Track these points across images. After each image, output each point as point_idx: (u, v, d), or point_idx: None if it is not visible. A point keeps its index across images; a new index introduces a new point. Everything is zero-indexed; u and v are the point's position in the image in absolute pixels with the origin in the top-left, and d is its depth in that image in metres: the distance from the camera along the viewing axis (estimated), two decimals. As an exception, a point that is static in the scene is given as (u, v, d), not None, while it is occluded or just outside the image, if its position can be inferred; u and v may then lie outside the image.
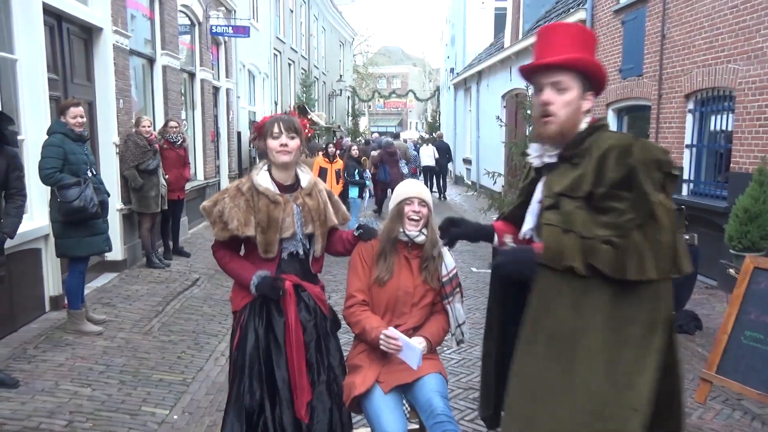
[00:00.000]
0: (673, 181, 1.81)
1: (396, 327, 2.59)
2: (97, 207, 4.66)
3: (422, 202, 2.71)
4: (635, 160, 1.74)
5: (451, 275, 2.76)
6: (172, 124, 7.64)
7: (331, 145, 10.48)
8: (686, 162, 7.71)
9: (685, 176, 7.72)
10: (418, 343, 2.57)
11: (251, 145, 14.38)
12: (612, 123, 9.86)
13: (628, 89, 9.11)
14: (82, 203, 4.53)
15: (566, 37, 1.85)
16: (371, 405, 2.51)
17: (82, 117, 4.79)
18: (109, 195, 5.10)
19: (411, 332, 2.67)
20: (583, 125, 1.89)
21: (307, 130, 2.80)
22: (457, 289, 2.79)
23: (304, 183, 2.69)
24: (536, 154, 1.99)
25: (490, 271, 2.23)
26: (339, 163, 10.20)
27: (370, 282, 2.70)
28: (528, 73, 1.92)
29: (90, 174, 4.78)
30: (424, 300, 2.72)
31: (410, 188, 2.78)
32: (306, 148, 2.71)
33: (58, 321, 5.16)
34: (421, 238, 2.71)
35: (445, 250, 2.75)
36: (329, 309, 2.79)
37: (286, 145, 2.55)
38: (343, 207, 2.89)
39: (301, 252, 2.64)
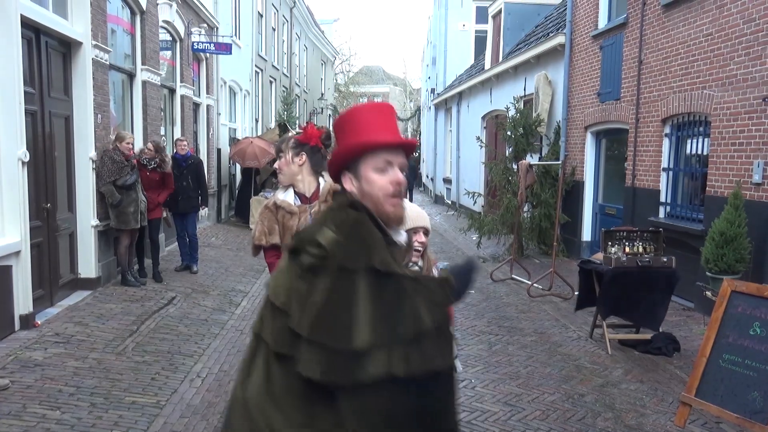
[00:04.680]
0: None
1: None
2: None
3: (426, 232, 2.54)
4: None
5: None
6: (149, 147, 7.50)
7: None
8: (663, 185, 7.83)
9: (662, 199, 7.83)
10: None
11: (231, 162, 14.28)
12: (590, 145, 10.01)
13: (606, 113, 9.25)
14: None
15: (395, 121, 1.76)
16: None
17: None
18: None
19: None
20: None
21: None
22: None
23: (321, 191, 2.97)
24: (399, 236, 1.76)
25: (471, 291, 2.19)
26: None
27: None
28: (378, 148, 1.63)
29: None
30: None
31: (417, 216, 2.52)
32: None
33: (28, 341, 5.01)
34: (415, 269, 2.52)
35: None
36: None
37: (279, 168, 2.98)
38: None
39: None
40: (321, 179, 3.01)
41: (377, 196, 1.61)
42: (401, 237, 1.72)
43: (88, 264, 6.70)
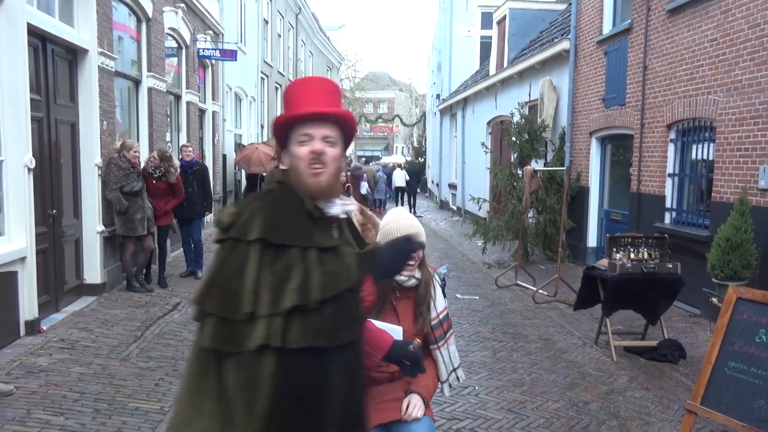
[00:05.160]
0: None
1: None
2: None
3: (420, 245, 2.34)
4: None
5: (441, 318, 2.48)
6: (154, 155, 7.48)
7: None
8: (668, 191, 7.80)
9: (668, 205, 7.80)
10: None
11: (236, 167, 14.33)
12: (595, 151, 9.98)
13: (611, 118, 9.23)
14: None
15: (329, 94, 1.70)
16: None
17: None
18: None
19: (396, 375, 2.41)
20: None
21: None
22: (450, 332, 2.51)
23: None
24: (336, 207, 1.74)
25: (476, 297, 2.14)
26: None
27: None
28: (296, 121, 1.65)
29: None
30: None
31: (407, 228, 2.35)
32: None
33: (33, 346, 5.02)
34: (412, 282, 2.43)
35: (438, 289, 2.51)
36: None
37: None
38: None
39: None
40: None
41: (299, 168, 1.64)
42: (334, 208, 1.70)
43: (93, 270, 6.73)
